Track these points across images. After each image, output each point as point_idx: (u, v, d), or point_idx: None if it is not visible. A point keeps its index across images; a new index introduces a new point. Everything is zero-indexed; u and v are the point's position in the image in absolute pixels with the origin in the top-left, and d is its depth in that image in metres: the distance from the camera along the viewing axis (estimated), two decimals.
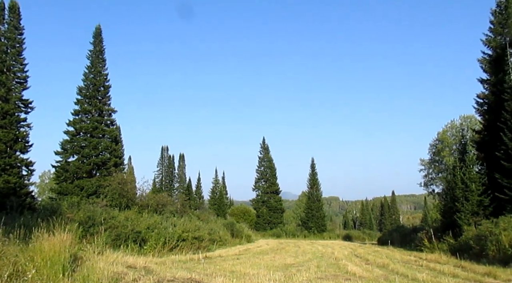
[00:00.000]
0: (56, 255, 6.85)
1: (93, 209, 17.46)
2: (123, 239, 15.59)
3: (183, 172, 68.88)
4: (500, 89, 22.94)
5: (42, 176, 57.90)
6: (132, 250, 14.66)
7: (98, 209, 18.18)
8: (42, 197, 49.11)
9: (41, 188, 56.50)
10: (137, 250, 15.24)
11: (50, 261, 6.75)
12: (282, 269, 11.30)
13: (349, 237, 55.10)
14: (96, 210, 17.27)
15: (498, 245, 14.50)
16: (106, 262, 9.00)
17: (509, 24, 24.14)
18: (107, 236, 14.14)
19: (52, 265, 6.72)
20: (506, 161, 20.71)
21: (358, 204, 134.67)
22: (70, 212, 15.39)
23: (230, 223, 33.26)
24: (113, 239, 15.13)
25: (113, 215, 17.27)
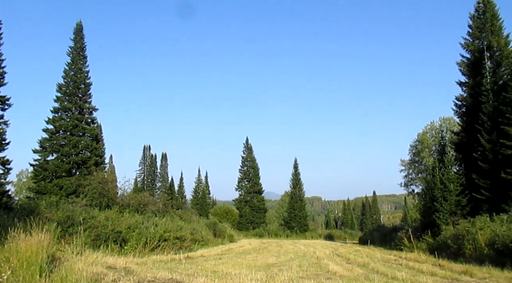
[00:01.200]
0: (33, 256, 6.69)
1: (73, 209, 17.13)
2: (103, 239, 15.34)
3: (165, 171, 68.27)
4: (477, 92, 23.52)
5: (20, 174, 56.58)
6: (112, 250, 14.44)
7: (77, 208, 17.85)
8: (19, 196, 47.92)
9: (18, 187, 55.15)
10: (118, 250, 15.02)
11: (27, 262, 6.59)
12: (264, 268, 11.31)
13: (331, 237, 55.58)
14: (75, 210, 16.95)
15: (475, 244, 14.85)
16: (85, 263, 8.84)
17: (487, 28, 24.78)
18: (87, 236, 13.90)
19: (28, 266, 6.56)
20: (483, 162, 21.25)
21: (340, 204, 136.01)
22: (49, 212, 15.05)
23: (213, 223, 33.14)
24: (92, 239, 14.88)
25: (93, 214, 16.97)
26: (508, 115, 19.26)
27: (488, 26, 24.76)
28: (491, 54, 24.31)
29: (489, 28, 24.68)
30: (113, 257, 11.43)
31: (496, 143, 20.20)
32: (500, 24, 24.95)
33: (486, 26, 24.81)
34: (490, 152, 20.88)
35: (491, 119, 21.39)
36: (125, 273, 8.61)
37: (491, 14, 24.99)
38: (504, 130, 19.18)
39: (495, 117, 20.95)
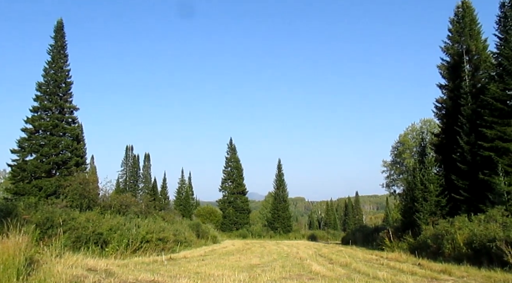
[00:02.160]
0: (10, 259, 6.53)
1: (52, 210, 16.74)
2: (83, 241, 15.06)
3: (148, 172, 67.51)
4: (457, 95, 24.06)
5: None
6: (93, 252, 14.20)
7: (57, 210, 17.47)
8: None
9: None
10: (99, 252, 14.77)
11: (4, 265, 6.42)
12: (247, 269, 11.31)
13: (314, 237, 55.96)
14: (55, 211, 16.58)
15: (454, 243, 15.17)
16: (65, 265, 8.68)
17: (466, 33, 25.39)
18: (67, 238, 13.62)
19: (5, 269, 6.40)
20: (462, 163, 21.74)
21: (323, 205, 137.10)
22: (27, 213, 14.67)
23: (196, 224, 32.95)
24: (73, 241, 14.59)
25: (74, 216, 16.64)
26: (485, 118, 19.74)
27: (467, 30, 25.38)
28: (470, 58, 24.91)
29: (468, 33, 25.31)
30: (94, 259, 11.25)
31: (475, 144, 20.69)
32: (478, 28, 25.61)
33: (465, 31, 25.43)
34: (469, 153, 21.38)
35: (469, 122, 21.91)
36: (106, 275, 8.49)
37: (470, 19, 25.63)
38: (482, 132, 19.66)
39: (473, 120, 21.47)
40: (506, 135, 18.74)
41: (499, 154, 18.56)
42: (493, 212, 15.48)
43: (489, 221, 14.88)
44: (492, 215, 15.31)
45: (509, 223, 13.11)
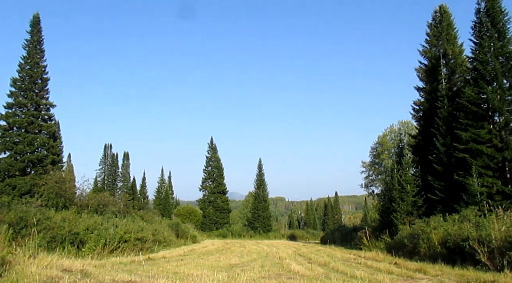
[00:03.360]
0: None
1: (26, 210, 16.29)
2: (59, 241, 14.72)
3: (127, 170, 66.50)
4: (434, 97, 24.63)
5: None
6: (69, 252, 13.91)
7: (31, 209, 17.00)
8: None
9: None
10: (75, 252, 14.48)
11: None
12: (227, 269, 11.28)
13: (293, 237, 56.28)
14: (29, 211, 16.13)
15: (429, 243, 15.50)
16: (39, 266, 8.47)
17: (443, 37, 26.02)
18: (41, 238, 13.29)
19: None
20: (438, 164, 22.26)
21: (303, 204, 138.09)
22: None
23: (175, 224, 32.65)
24: (47, 241, 14.23)
25: (49, 215, 16.23)
26: (461, 120, 20.26)
27: (444, 34, 26.01)
28: (446, 62, 25.54)
29: (445, 37, 25.94)
30: (70, 260, 11.02)
31: (450, 146, 21.22)
32: (455, 33, 26.29)
33: (443, 35, 26.06)
34: (445, 155, 21.91)
35: (445, 124, 22.45)
36: (82, 276, 8.32)
37: (447, 23, 26.28)
38: (457, 135, 20.17)
39: (449, 122, 22.01)
40: (480, 138, 19.28)
41: (473, 156, 19.09)
42: (466, 212, 15.87)
43: (463, 221, 15.26)
44: (465, 215, 15.69)
45: (481, 223, 13.45)
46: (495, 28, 20.05)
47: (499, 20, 20.05)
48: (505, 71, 19.61)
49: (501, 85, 19.62)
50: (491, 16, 20.19)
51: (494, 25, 20.07)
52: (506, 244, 10.50)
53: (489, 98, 19.41)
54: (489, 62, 19.88)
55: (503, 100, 19.31)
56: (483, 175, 18.53)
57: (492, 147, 19.10)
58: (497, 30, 20.06)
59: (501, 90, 19.44)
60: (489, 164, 18.91)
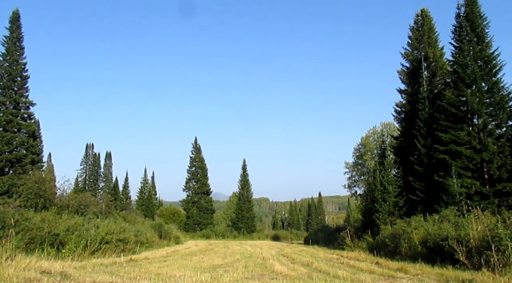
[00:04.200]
0: None
1: (4, 210, 15.88)
2: (38, 243, 14.39)
3: (109, 171, 65.65)
4: (415, 100, 25.05)
5: None
6: (48, 254, 13.62)
7: (9, 210, 16.59)
8: None
9: None
10: (55, 254, 14.18)
11: None
12: (210, 270, 11.24)
13: (277, 237, 56.45)
14: (7, 211, 15.73)
15: (410, 242, 15.76)
16: (17, 268, 8.27)
17: (424, 40, 26.51)
18: (19, 240, 12.98)
19: None
20: (419, 165, 22.65)
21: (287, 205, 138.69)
22: None
23: (158, 224, 32.35)
24: (26, 242, 13.91)
25: (28, 216, 15.87)
26: (441, 122, 20.66)
27: (425, 38, 26.50)
28: (428, 64, 26.02)
29: (427, 40, 26.44)
30: (49, 261, 10.78)
31: (431, 147, 21.61)
32: (436, 36, 26.81)
33: (424, 38, 26.54)
34: (425, 156, 22.30)
35: (426, 126, 22.86)
36: (62, 278, 8.17)
37: (428, 27, 26.78)
38: (438, 136, 20.56)
39: (430, 124, 22.42)
40: (459, 139, 19.70)
41: (453, 157, 19.49)
42: (446, 212, 16.20)
43: (442, 221, 15.57)
44: (445, 215, 16.02)
45: (460, 222, 13.74)
46: (474, 33, 20.53)
47: (478, 24, 20.53)
48: (483, 75, 20.10)
49: (480, 88, 20.10)
50: (471, 21, 20.66)
51: (473, 30, 20.55)
52: (484, 243, 10.75)
53: (468, 100, 19.85)
54: (468, 65, 20.34)
55: (482, 103, 19.79)
56: (462, 175, 18.93)
57: (471, 148, 19.54)
58: (476, 35, 20.53)
59: (480, 93, 19.92)
60: (468, 165, 19.34)
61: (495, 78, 20.02)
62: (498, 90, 19.79)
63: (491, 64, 20.08)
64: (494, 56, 20.08)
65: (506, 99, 19.59)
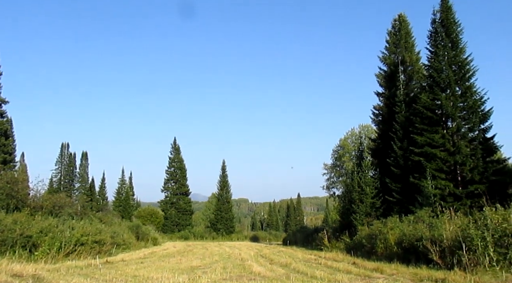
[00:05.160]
0: None
1: None
2: (9, 245, 13.96)
3: (85, 171, 64.13)
4: (392, 103, 25.56)
5: None
6: (20, 256, 13.24)
7: None
8: None
9: None
10: (27, 256, 13.79)
11: None
12: (188, 271, 11.15)
13: (256, 238, 56.51)
14: None
15: (386, 243, 16.06)
16: None
17: (401, 44, 27.10)
18: None
19: None
20: (395, 167, 23.11)
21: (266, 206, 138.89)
22: None
23: (136, 225, 31.89)
24: None
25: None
26: (417, 125, 21.15)
27: (402, 42, 27.10)
28: (404, 68, 26.61)
29: (404, 45, 27.03)
30: (21, 264, 10.49)
31: (407, 150, 22.08)
32: (413, 41, 27.46)
33: (401, 42, 27.14)
34: (402, 158, 22.78)
35: (403, 128, 23.35)
36: (34, 281, 7.96)
37: (405, 32, 27.40)
38: (414, 139, 21.04)
39: (406, 126, 22.92)
40: (434, 142, 20.21)
41: (427, 159, 19.97)
42: (421, 213, 16.58)
43: (417, 222, 15.92)
44: (420, 216, 16.39)
45: (434, 223, 14.09)
46: (449, 38, 21.11)
47: (453, 30, 21.13)
48: (457, 79, 20.69)
49: (454, 92, 20.68)
50: (446, 27, 21.25)
51: (448, 35, 21.13)
52: (456, 243, 11.05)
53: (443, 104, 20.39)
54: (443, 70, 20.90)
55: (456, 107, 20.36)
56: (436, 177, 19.42)
57: (445, 151, 20.07)
58: (451, 40, 21.12)
59: (454, 97, 20.49)
60: (442, 167, 19.86)
61: (468, 83, 20.63)
62: (471, 95, 20.40)
63: (465, 69, 20.68)
64: (467, 61, 20.71)
65: (478, 104, 20.21)
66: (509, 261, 10.02)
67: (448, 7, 21.31)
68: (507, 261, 10.04)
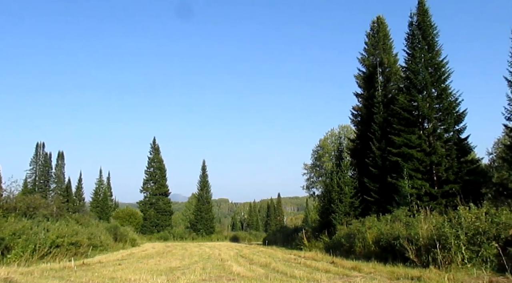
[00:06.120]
0: None
1: None
2: None
3: (61, 171, 62.61)
4: (371, 103, 25.97)
5: None
6: None
7: None
8: None
9: None
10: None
11: None
12: (167, 273, 11.03)
13: (236, 238, 56.45)
14: None
15: (364, 242, 16.29)
16: None
17: (380, 46, 27.57)
18: None
19: None
20: (373, 167, 23.49)
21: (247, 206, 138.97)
22: None
23: (114, 227, 31.35)
24: None
25: None
26: (394, 126, 21.55)
27: (381, 44, 27.58)
28: (382, 70, 27.08)
29: (382, 47, 27.52)
30: None
31: (385, 150, 22.48)
32: (390, 43, 27.98)
33: (379, 45, 27.62)
34: (380, 158, 23.17)
35: (381, 129, 23.75)
36: None
37: (383, 34, 27.89)
38: (391, 139, 21.43)
39: (384, 127, 23.32)
40: (411, 143, 20.64)
41: (405, 159, 20.38)
42: (398, 212, 16.89)
43: (394, 221, 16.20)
44: (397, 215, 16.69)
45: (411, 222, 14.36)
46: (426, 41, 21.61)
47: (429, 33, 21.63)
48: (433, 81, 21.19)
49: (430, 94, 21.18)
50: (422, 30, 21.73)
51: (424, 38, 21.62)
52: (432, 242, 11.30)
53: (419, 105, 20.85)
54: (420, 72, 21.37)
55: (432, 108, 20.85)
56: (413, 177, 19.83)
57: (422, 151, 20.52)
58: (427, 43, 21.62)
59: (430, 99, 20.98)
60: (419, 167, 20.30)
61: (444, 84, 21.17)
62: (447, 96, 20.94)
63: (441, 71, 21.21)
64: (443, 63, 21.24)
65: (453, 105, 20.76)
66: (481, 258, 10.32)
67: (424, 10, 21.81)
68: (479, 258, 10.34)
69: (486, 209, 11.84)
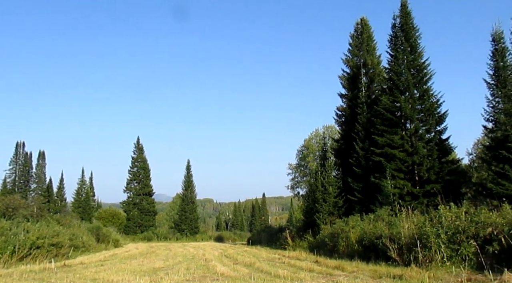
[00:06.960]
0: None
1: None
2: None
3: (42, 171, 61.38)
4: (355, 104, 26.25)
5: None
6: None
7: None
8: None
9: None
10: None
11: None
12: (150, 273, 10.93)
13: (221, 238, 56.31)
14: None
15: (347, 241, 16.46)
16: None
17: (363, 48, 27.88)
18: None
19: None
20: (357, 167, 23.75)
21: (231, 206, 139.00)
22: None
23: (96, 227, 30.93)
24: None
25: None
26: (378, 126, 21.82)
27: (364, 45, 27.88)
28: (366, 71, 27.38)
29: (365, 48, 27.83)
30: None
31: (368, 150, 22.75)
32: (374, 44, 28.31)
33: (363, 46, 27.92)
34: (363, 158, 23.44)
35: (364, 129, 24.03)
36: None
37: (367, 35, 28.22)
38: (375, 140, 21.70)
39: (368, 128, 23.60)
40: (393, 143, 20.94)
41: (387, 159, 20.66)
42: (381, 212, 17.12)
43: (377, 220, 16.42)
44: (380, 214, 16.92)
45: (393, 221, 14.58)
46: (408, 43, 21.94)
47: (412, 35, 21.97)
48: (415, 82, 21.54)
49: (413, 95, 21.52)
50: (405, 31, 22.05)
51: (407, 40, 21.95)
52: (413, 241, 11.50)
53: (402, 106, 21.16)
54: (402, 73, 21.68)
55: (414, 109, 21.19)
56: (396, 177, 20.12)
57: (404, 151, 20.84)
58: (410, 45, 21.96)
59: (412, 100, 21.31)
60: (401, 167, 20.61)
61: (426, 86, 21.53)
62: (428, 98, 21.30)
63: (423, 73, 21.57)
64: (425, 65, 21.60)
65: (435, 106, 21.13)
66: (460, 256, 10.55)
67: (407, 12, 22.13)
68: (458, 256, 10.57)
69: (465, 208, 12.11)
